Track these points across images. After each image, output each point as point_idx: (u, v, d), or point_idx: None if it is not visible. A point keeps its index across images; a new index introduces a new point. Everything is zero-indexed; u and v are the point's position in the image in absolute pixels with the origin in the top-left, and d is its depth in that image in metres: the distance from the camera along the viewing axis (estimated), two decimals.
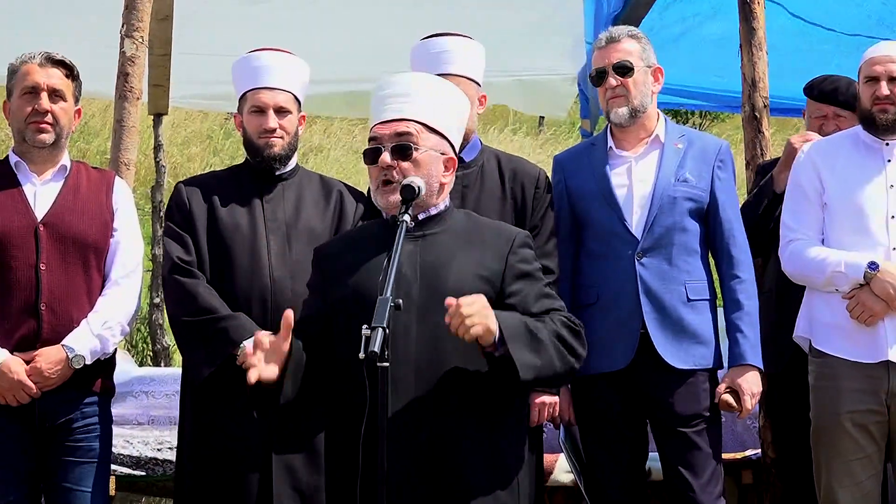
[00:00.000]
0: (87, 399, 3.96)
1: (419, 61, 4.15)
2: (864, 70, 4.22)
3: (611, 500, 4.09)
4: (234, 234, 4.01)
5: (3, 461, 3.87)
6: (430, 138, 3.30)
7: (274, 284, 3.96)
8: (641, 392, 4.05)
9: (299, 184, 4.14)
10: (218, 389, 3.90)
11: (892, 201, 4.12)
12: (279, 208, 4.07)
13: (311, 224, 4.05)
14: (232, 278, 3.98)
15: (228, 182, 4.16)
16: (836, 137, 4.40)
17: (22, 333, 3.86)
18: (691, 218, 4.09)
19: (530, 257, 3.35)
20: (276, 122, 4.02)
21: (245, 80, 4.10)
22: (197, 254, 4.00)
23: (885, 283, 3.99)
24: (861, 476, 4.09)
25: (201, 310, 3.91)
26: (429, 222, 3.32)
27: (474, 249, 3.30)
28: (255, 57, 4.09)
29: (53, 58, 3.99)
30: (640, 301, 4.01)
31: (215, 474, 3.92)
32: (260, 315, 3.91)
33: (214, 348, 3.89)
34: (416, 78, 3.47)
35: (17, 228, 3.90)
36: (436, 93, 3.37)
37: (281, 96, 4.05)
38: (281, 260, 3.98)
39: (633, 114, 4.11)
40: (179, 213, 4.06)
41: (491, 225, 3.45)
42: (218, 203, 4.05)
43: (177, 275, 3.97)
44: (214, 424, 3.94)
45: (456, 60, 4.10)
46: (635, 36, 4.17)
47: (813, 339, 4.21)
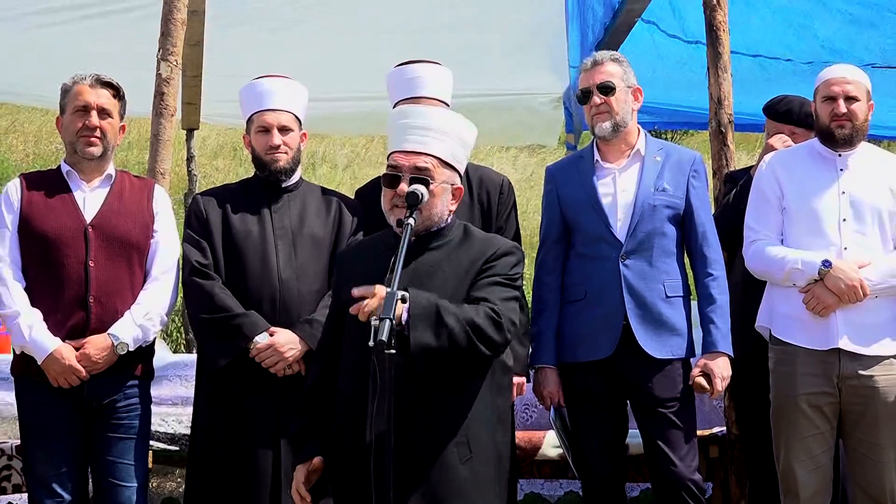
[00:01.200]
0: (129, 382, 3.96)
1: (395, 86, 4.16)
2: (821, 90, 4.22)
3: (595, 471, 4.09)
4: (245, 240, 4.01)
5: (57, 437, 3.88)
6: (444, 172, 3.31)
7: (282, 285, 3.96)
8: (623, 378, 4.05)
9: (303, 195, 4.14)
10: (232, 377, 3.91)
11: (843, 206, 4.12)
12: (285, 217, 4.07)
13: (314, 231, 4.06)
14: (244, 279, 3.98)
15: (240, 193, 4.16)
16: (795, 149, 4.40)
17: (72, 323, 3.86)
18: (669, 223, 4.09)
19: (508, 264, 3.30)
20: (280, 140, 4.04)
21: (251, 104, 4.11)
22: (213, 258, 4.01)
23: (837, 279, 4.00)
24: (816, 451, 4.09)
25: (217, 308, 3.92)
26: (430, 238, 3.32)
27: (462, 259, 3.30)
28: (259, 83, 4.11)
29: (102, 79, 4.00)
30: (623, 298, 4.01)
31: (227, 453, 3.91)
32: (270, 312, 3.93)
33: (230, 342, 3.90)
34: (436, 113, 3.45)
35: (68, 230, 3.90)
36: (452, 129, 3.37)
37: (283, 116, 4.06)
38: (288, 263, 3.98)
39: (616, 128, 4.11)
40: (197, 221, 4.06)
41: (482, 238, 3.42)
42: (231, 212, 4.06)
43: (195, 277, 3.97)
44: (229, 408, 3.94)
45: (428, 85, 4.12)
46: (617, 59, 4.17)
47: (773, 329, 4.22)
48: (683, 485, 3.98)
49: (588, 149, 4.25)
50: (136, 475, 3.96)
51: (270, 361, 3.87)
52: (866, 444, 4.11)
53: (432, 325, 3.07)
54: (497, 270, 3.28)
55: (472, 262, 3.29)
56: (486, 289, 3.23)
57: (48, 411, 3.88)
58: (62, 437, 3.88)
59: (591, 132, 4.22)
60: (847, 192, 4.14)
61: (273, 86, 4.09)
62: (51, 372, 3.81)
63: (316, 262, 4.02)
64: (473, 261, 3.29)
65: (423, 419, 3.17)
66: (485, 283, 3.25)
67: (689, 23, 6.00)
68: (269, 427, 3.88)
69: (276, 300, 3.94)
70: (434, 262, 3.29)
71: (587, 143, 4.36)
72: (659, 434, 4.02)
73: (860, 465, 4.14)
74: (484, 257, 3.29)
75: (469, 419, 3.23)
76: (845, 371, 4.06)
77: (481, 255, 3.30)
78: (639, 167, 4.14)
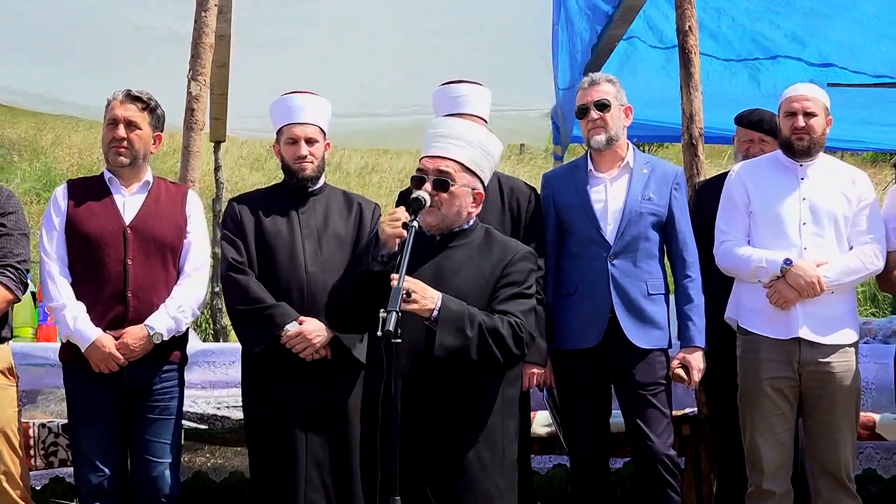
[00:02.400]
0: (165, 367, 3.95)
1: (440, 103, 4.14)
2: (783, 106, 4.21)
3: (582, 447, 4.09)
4: (276, 239, 4.01)
5: (99, 418, 3.88)
6: (465, 177, 3.30)
7: (309, 278, 3.96)
8: (608, 364, 4.05)
9: (327, 198, 4.13)
10: (267, 364, 3.92)
11: (804, 211, 4.12)
12: (311, 218, 4.06)
13: (337, 230, 4.05)
14: (275, 274, 3.97)
15: (271, 197, 4.15)
16: (760, 160, 4.39)
17: (112, 315, 3.85)
18: (653, 229, 4.10)
19: (524, 270, 3.30)
20: (307, 150, 4.03)
21: (281, 117, 4.10)
22: (247, 255, 4.00)
23: (797, 276, 4.00)
24: (778, 429, 4.10)
25: (252, 300, 3.92)
26: (453, 237, 3.32)
27: (482, 260, 3.29)
28: (289, 98, 4.09)
29: (132, 94, 3.97)
30: (610, 294, 4.01)
31: (268, 427, 3.93)
32: (298, 303, 3.93)
33: (263, 331, 3.90)
34: (462, 124, 3.46)
35: (109, 231, 3.90)
36: (475, 140, 3.36)
37: (310, 129, 4.05)
38: (314, 259, 3.98)
39: (609, 141, 4.11)
40: (233, 223, 4.06)
41: (502, 241, 3.40)
42: (263, 215, 4.05)
43: (232, 272, 3.97)
44: (266, 389, 3.95)
45: (469, 103, 4.10)
46: (612, 80, 4.17)
47: (740, 320, 4.22)
48: (659, 459, 3.99)
49: (582, 159, 4.24)
50: (169, 452, 3.95)
51: (300, 347, 3.87)
52: (823, 423, 4.10)
53: (457, 329, 3.08)
54: (515, 278, 3.27)
55: (493, 268, 3.28)
56: (509, 303, 3.23)
57: (91, 395, 3.88)
58: (103, 419, 3.88)
59: (587, 144, 4.20)
60: (807, 198, 4.14)
61: (301, 101, 4.07)
62: (93, 359, 3.81)
63: (339, 256, 4.00)
64: (494, 266, 3.28)
65: (432, 406, 3.17)
66: (507, 297, 3.24)
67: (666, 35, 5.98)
68: (300, 410, 3.89)
69: (303, 292, 3.94)
70: (457, 263, 3.28)
71: (574, 154, 4.36)
72: (639, 414, 4.03)
73: (818, 442, 4.13)
74: (503, 263, 3.29)
75: (477, 407, 3.22)
76: (805, 358, 4.06)
77: (500, 260, 3.29)
78: (628, 178, 4.14)
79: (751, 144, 4.77)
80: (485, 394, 3.25)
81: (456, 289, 3.19)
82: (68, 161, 14.05)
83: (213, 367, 4.97)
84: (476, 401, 3.23)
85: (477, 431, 3.21)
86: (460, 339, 3.09)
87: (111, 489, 3.86)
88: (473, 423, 3.21)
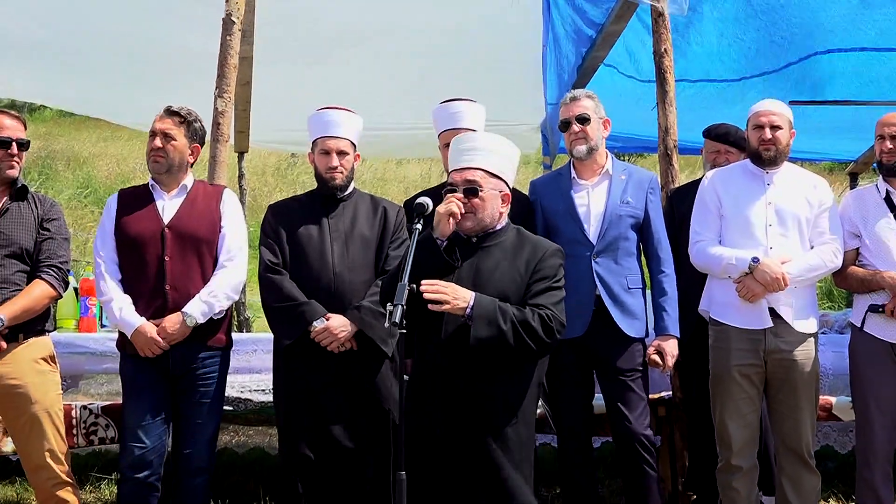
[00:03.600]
0: (207, 353, 3.96)
1: (441, 118, 4.15)
2: (752, 120, 4.20)
3: (568, 426, 4.09)
4: (308, 242, 3.99)
5: (146, 398, 3.90)
6: (491, 181, 3.34)
7: (336, 277, 3.94)
8: (591, 352, 4.04)
9: (355, 203, 4.11)
10: (298, 353, 3.92)
11: (769, 214, 4.11)
12: (340, 222, 4.04)
13: (363, 232, 4.03)
14: (307, 273, 3.96)
15: (304, 203, 4.14)
16: (730, 168, 4.38)
17: (154, 306, 3.87)
18: (631, 230, 4.08)
19: (555, 265, 3.34)
20: (337, 162, 4.02)
21: (316, 130, 4.08)
22: (282, 257, 3.98)
23: (764, 272, 3.99)
24: (745, 411, 4.09)
25: (285, 298, 3.91)
26: (487, 238, 3.34)
27: (516, 259, 3.33)
28: (324, 113, 4.07)
29: (170, 109, 4.01)
30: (595, 288, 4.00)
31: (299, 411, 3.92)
32: (326, 299, 3.91)
33: (294, 326, 3.90)
34: (482, 136, 3.50)
35: (148, 232, 3.92)
36: (497, 148, 3.41)
37: (342, 143, 4.04)
38: (342, 260, 3.96)
39: (590, 151, 4.10)
40: (270, 228, 4.06)
41: (533, 240, 3.44)
42: (297, 220, 4.05)
43: (268, 273, 3.97)
44: (296, 378, 3.94)
45: (466, 118, 4.11)
46: (591, 96, 4.16)
47: (711, 312, 4.21)
48: (637, 438, 3.98)
49: (566, 168, 4.22)
50: (205, 430, 3.96)
51: (326, 341, 3.86)
52: (786, 405, 4.10)
53: (489, 322, 3.14)
54: (546, 273, 3.32)
55: (527, 264, 3.32)
56: (542, 296, 3.27)
57: (138, 377, 3.90)
58: (148, 398, 3.89)
59: (570, 154, 4.20)
60: (773, 202, 4.13)
61: (335, 116, 4.06)
62: (137, 344, 3.83)
63: (364, 257, 3.99)
64: (528, 263, 3.32)
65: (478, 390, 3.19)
66: (539, 290, 3.28)
67: (642, 65, 5.98)
68: (328, 399, 3.87)
69: (331, 289, 3.92)
70: (494, 262, 3.31)
71: (561, 164, 4.35)
72: (618, 398, 4.01)
73: (781, 422, 4.13)
74: (536, 260, 3.32)
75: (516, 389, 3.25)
76: (770, 347, 4.06)
77: (533, 258, 3.33)
78: (607, 184, 4.13)
79: (717, 155, 4.77)
80: (523, 378, 3.28)
81: (495, 285, 3.24)
82: (106, 170, 14.08)
83: (237, 356, 4.92)
84: (516, 384, 3.26)
85: (516, 410, 3.24)
86: (493, 331, 3.14)
87: (150, 461, 3.85)
88: (514, 403, 3.24)
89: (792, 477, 4.12)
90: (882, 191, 4.23)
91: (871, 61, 6.12)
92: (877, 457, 4.12)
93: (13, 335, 3.76)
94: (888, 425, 4.12)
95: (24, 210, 3.87)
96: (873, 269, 4.15)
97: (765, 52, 6.05)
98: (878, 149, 4.22)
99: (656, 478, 4.04)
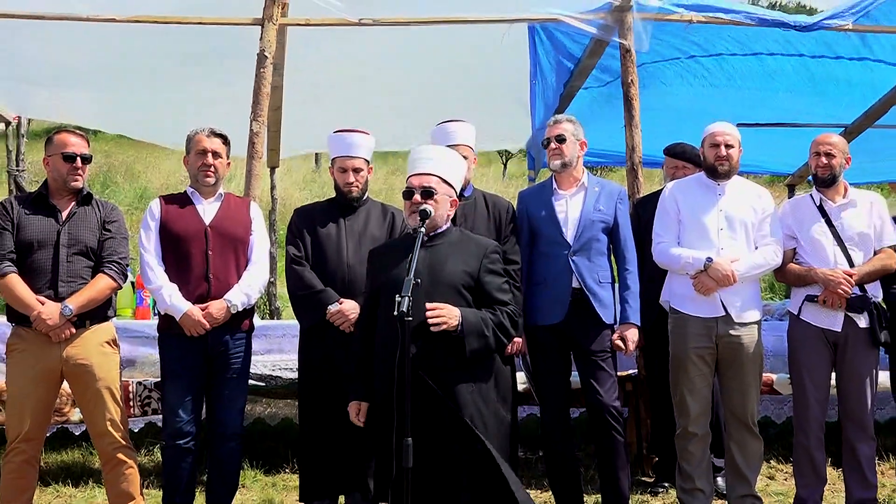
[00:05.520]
0: (238, 335, 3.95)
1: (438, 137, 4.15)
2: (708, 140, 4.20)
3: (549, 400, 4.08)
4: (326, 240, 4.00)
5: (185, 374, 3.88)
6: (443, 187, 3.34)
7: (349, 269, 3.95)
8: (568, 337, 4.02)
9: (368, 209, 4.11)
10: (316, 334, 3.93)
11: (721, 220, 4.10)
12: (355, 224, 4.04)
13: (374, 232, 4.03)
14: (325, 266, 3.97)
15: (324, 208, 4.15)
16: (687, 180, 4.36)
17: (199, 294, 3.87)
18: (602, 233, 4.07)
19: (497, 260, 3.37)
20: (353, 178, 4.04)
21: (336, 149, 4.09)
22: (304, 251, 4.00)
23: (717, 270, 3.99)
24: (700, 386, 4.09)
25: (306, 286, 3.92)
26: (436, 237, 3.33)
27: (462, 254, 3.32)
28: (343, 135, 4.08)
29: (215, 131, 4.01)
30: (572, 282, 3.99)
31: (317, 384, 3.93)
32: (341, 287, 3.93)
33: (313, 310, 3.91)
34: (437, 149, 3.52)
35: (193, 231, 3.92)
36: (447, 160, 3.43)
37: (357, 161, 4.06)
38: (354, 255, 3.96)
39: (564, 165, 4.10)
40: (295, 227, 4.07)
41: (474, 238, 3.45)
42: (318, 222, 4.05)
43: (293, 265, 3.98)
44: (315, 354, 3.96)
45: (460, 136, 4.11)
46: (571, 120, 4.17)
47: (671, 303, 4.20)
48: (607, 409, 3.97)
49: (549, 181, 4.22)
50: (237, 401, 3.95)
51: (339, 321, 3.87)
52: (735, 381, 4.09)
53: (479, 335, 3.20)
54: (497, 268, 3.37)
55: (476, 258, 3.32)
56: (501, 293, 3.32)
57: (180, 355, 3.88)
58: (188, 375, 3.88)
59: (549, 168, 4.21)
60: (723, 210, 4.12)
61: (352, 138, 4.07)
62: (185, 325, 3.82)
63: None
64: (476, 257, 3.33)
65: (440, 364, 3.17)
66: (498, 287, 3.33)
67: None
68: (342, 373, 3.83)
69: (345, 279, 3.93)
70: (443, 255, 3.30)
71: (544, 178, 4.35)
72: (591, 375, 4.00)
73: (730, 396, 4.12)
74: (481, 254, 3.34)
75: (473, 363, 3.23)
76: (720, 332, 4.05)
77: (479, 253, 3.35)
78: (583, 195, 4.11)
79: (676, 169, 4.78)
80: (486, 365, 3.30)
81: (447, 275, 3.24)
82: (158, 182, 14.06)
83: (269, 339, 4.96)
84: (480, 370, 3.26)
85: (473, 376, 3.24)
86: (482, 342, 3.20)
87: (187, 431, 3.85)
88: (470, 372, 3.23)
89: (739, 442, 4.11)
90: (816, 199, 4.22)
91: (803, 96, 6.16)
92: (811, 425, 4.11)
93: (81, 322, 3.75)
94: (821, 399, 4.12)
95: (88, 214, 3.86)
96: (808, 266, 4.14)
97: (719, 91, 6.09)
98: (814, 164, 4.21)
99: (624, 442, 4.04)
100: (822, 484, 4.16)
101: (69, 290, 3.72)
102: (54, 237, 3.74)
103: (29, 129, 7.38)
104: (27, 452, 3.73)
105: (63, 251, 3.74)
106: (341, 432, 3.80)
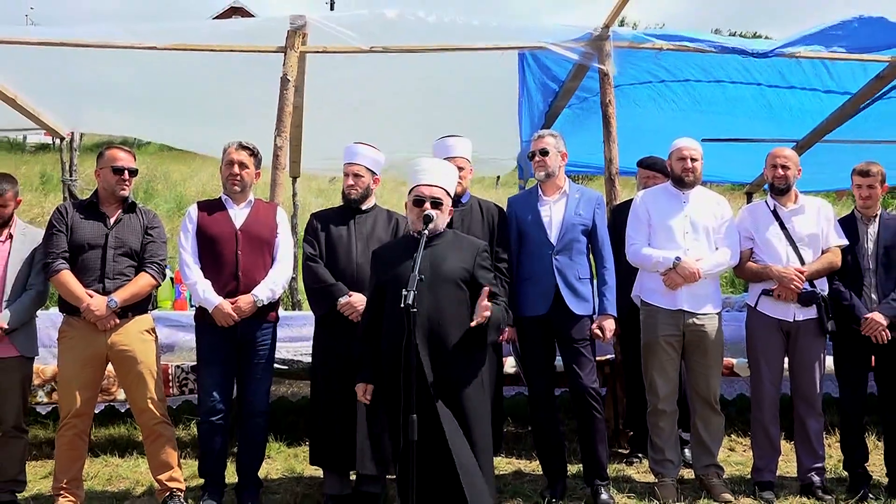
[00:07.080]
0: (265, 325, 3.93)
1: (439, 150, 4.14)
2: (675, 154, 4.20)
3: (536, 381, 4.07)
4: (338, 241, 3.98)
5: (217, 359, 3.87)
6: (447, 198, 3.33)
7: (357, 267, 3.93)
8: (553, 326, 4.01)
9: (375, 214, 4.09)
10: (328, 323, 3.91)
11: (686, 225, 4.10)
12: (363, 227, 4.02)
13: (380, 235, 4.00)
14: (336, 263, 3.94)
15: (337, 212, 4.11)
16: (656, 189, 4.35)
17: (229, 289, 3.85)
18: (582, 235, 4.05)
19: (486, 258, 3.36)
20: (353, 182, 4.02)
21: (344, 158, 4.08)
22: (319, 250, 3.98)
23: (684, 268, 3.99)
24: (668, 369, 4.09)
25: (320, 281, 3.90)
26: (435, 238, 3.31)
27: (459, 252, 3.30)
28: (353, 146, 4.07)
29: (243, 144, 3.99)
30: (555, 278, 3.98)
31: (327, 366, 3.91)
32: (350, 282, 3.90)
33: (325, 302, 3.89)
34: (440, 163, 3.48)
35: (225, 233, 3.90)
36: (449, 174, 3.42)
37: (356, 167, 4.03)
38: (362, 254, 3.93)
39: (548, 175, 4.09)
40: (311, 228, 4.05)
41: (466, 238, 3.43)
42: (331, 224, 4.03)
43: (308, 261, 3.95)
44: (326, 341, 3.94)
45: (457, 149, 4.11)
46: (554, 135, 4.14)
47: (643, 296, 4.19)
48: (587, 390, 3.96)
49: (535, 188, 4.20)
50: (263, 383, 3.94)
51: (348, 312, 3.85)
52: (699, 364, 4.09)
53: (496, 329, 3.23)
54: (487, 265, 3.35)
55: (470, 255, 3.31)
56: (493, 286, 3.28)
57: (214, 343, 3.86)
58: (220, 360, 3.86)
59: (535, 177, 4.20)
60: (688, 215, 4.11)
61: (358, 148, 4.06)
62: (217, 317, 3.80)
63: None
64: (470, 254, 3.32)
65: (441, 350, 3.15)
66: (489, 279, 3.31)
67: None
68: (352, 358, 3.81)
69: (354, 275, 3.91)
70: (442, 253, 3.29)
71: (532, 185, 4.33)
72: (573, 360, 3.99)
73: (695, 377, 4.12)
74: (474, 252, 3.33)
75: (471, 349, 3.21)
76: (686, 322, 4.06)
77: (472, 250, 3.34)
78: (565, 201, 4.10)
79: (647, 179, 4.76)
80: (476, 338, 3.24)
81: (447, 270, 3.22)
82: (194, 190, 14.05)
83: (291, 328, 4.95)
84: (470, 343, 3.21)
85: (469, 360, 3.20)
86: (496, 335, 3.25)
87: (221, 409, 3.84)
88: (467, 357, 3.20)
89: (703, 418, 4.11)
90: (770, 205, 4.22)
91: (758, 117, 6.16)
92: (766, 403, 4.11)
93: (124, 313, 3.77)
94: (774, 380, 4.12)
95: (133, 220, 3.87)
96: (764, 264, 4.14)
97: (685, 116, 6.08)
98: (771, 175, 4.20)
99: (602, 419, 4.03)
100: (776, 455, 4.16)
101: (114, 286, 3.74)
102: (103, 240, 3.77)
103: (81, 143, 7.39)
104: (78, 427, 3.75)
105: (110, 252, 3.76)
106: (347, 408, 3.80)
